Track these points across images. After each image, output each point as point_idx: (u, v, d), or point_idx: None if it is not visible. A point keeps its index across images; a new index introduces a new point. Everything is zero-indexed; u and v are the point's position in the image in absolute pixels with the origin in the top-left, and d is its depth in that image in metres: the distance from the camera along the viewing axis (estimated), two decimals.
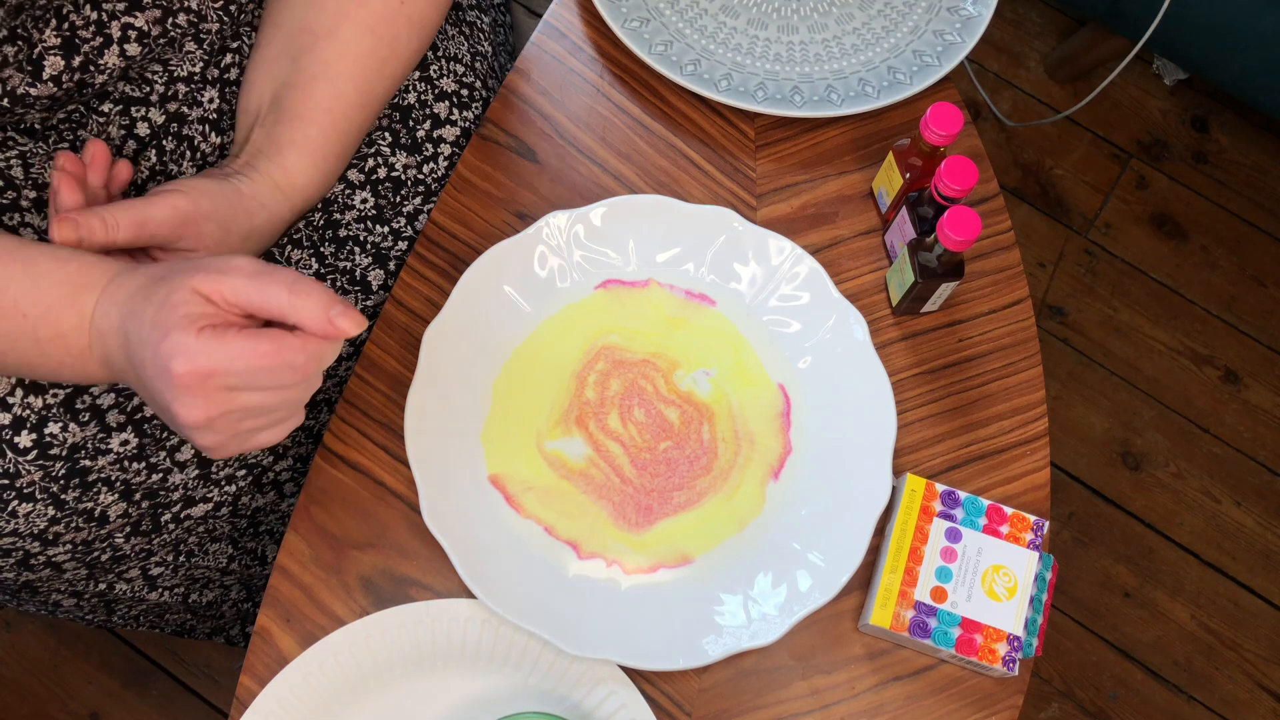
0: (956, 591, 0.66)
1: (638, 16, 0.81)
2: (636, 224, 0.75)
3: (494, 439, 0.70)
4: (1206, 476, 1.48)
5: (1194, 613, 1.42)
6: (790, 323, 0.74)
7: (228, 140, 0.70)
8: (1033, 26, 1.69)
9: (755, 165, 0.79)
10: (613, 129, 0.79)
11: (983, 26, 0.81)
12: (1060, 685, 1.38)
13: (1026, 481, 0.72)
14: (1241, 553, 1.45)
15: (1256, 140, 1.64)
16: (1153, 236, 1.59)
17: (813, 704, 0.67)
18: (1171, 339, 1.54)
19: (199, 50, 0.67)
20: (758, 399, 0.72)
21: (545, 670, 0.66)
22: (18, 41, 0.58)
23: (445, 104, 0.77)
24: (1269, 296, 1.57)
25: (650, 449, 0.71)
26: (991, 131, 1.63)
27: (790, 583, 0.67)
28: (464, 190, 0.77)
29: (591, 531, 0.69)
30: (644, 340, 0.73)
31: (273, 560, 0.77)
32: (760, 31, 0.82)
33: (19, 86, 0.59)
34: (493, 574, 0.66)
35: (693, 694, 0.67)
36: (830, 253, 0.77)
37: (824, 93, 0.79)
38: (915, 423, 0.73)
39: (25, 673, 1.23)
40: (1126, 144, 1.63)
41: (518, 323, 0.73)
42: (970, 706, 0.67)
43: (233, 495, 0.76)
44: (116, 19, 0.61)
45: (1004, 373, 0.74)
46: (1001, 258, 0.77)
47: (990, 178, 0.79)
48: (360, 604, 0.68)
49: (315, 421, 0.77)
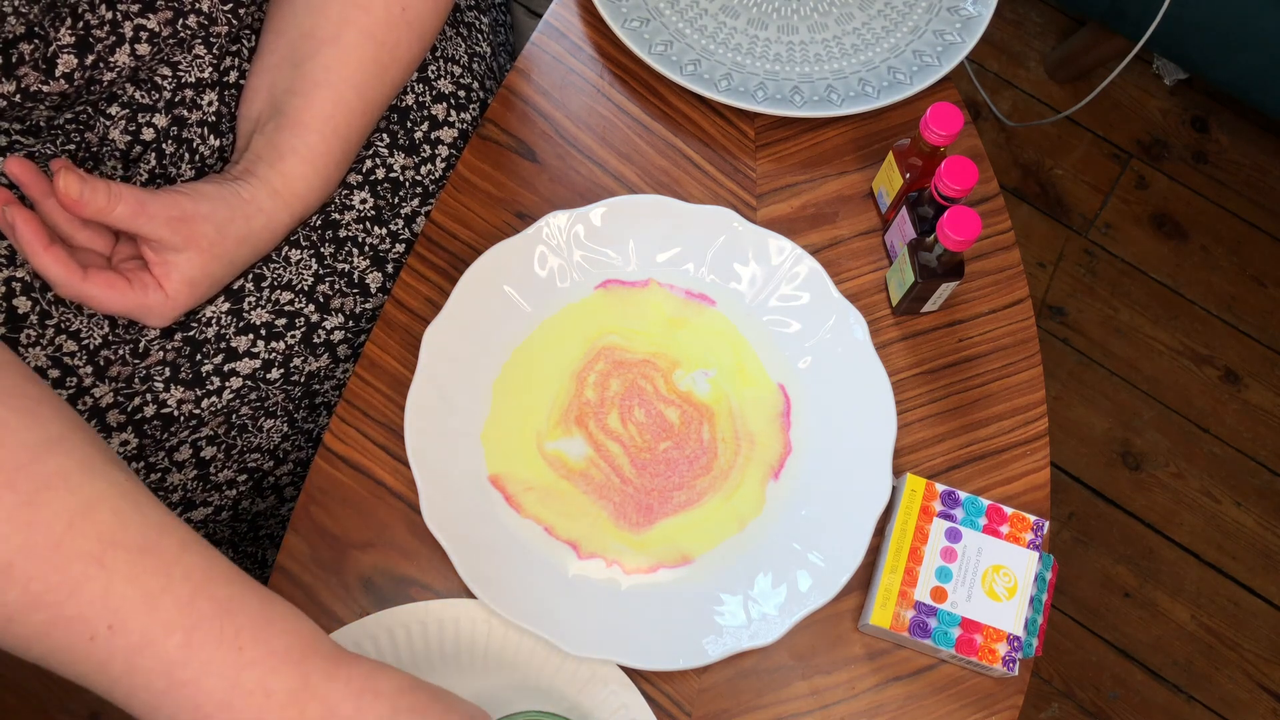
0: (956, 591, 0.66)
1: (638, 16, 0.81)
2: (636, 224, 0.75)
3: (494, 439, 0.70)
4: (1206, 476, 1.48)
5: (1194, 613, 1.42)
6: (790, 323, 0.74)
7: (227, 143, 0.70)
8: (1033, 26, 1.69)
9: (755, 165, 0.79)
10: (613, 129, 0.79)
11: (983, 26, 0.81)
12: (1060, 685, 1.38)
13: (1026, 481, 0.72)
14: (1241, 553, 1.45)
15: (1256, 140, 1.65)
16: (1153, 236, 1.59)
17: (813, 704, 0.67)
18: (1171, 339, 1.54)
19: (208, 55, 0.67)
20: (758, 399, 0.72)
21: (545, 670, 0.66)
22: (34, 40, 0.58)
23: (443, 105, 0.77)
24: (1269, 296, 1.57)
25: (650, 449, 0.71)
26: (991, 131, 1.63)
27: (790, 583, 0.67)
28: (464, 190, 0.77)
29: (591, 531, 0.69)
30: (644, 340, 0.73)
31: (273, 563, 0.77)
32: (760, 31, 0.82)
33: (32, 84, 0.59)
34: (493, 574, 0.66)
35: (693, 694, 0.67)
36: (830, 253, 0.77)
37: (824, 93, 0.79)
38: (915, 423, 0.73)
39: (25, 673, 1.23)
40: (1126, 144, 1.64)
41: (518, 323, 0.73)
42: (970, 706, 0.67)
43: (232, 499, 0.76)
44: (130, 19, 0.61)
45: (1004, 373, 0.74)
46: (1001, 258, 0.77)
47: (990, 178, 0.79)
48: (360, 604, 0.68)
49: (315, 425, 0.77)
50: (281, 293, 0.70)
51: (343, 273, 0.73)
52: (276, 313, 0.70)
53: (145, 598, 0.49)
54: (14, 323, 0.63)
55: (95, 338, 0.66)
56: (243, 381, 0.70)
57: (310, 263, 0.71)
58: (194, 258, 0.62)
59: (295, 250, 0.71)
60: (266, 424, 0.73)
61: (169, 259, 0.62)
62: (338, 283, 0.72)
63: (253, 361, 0.70)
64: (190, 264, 0.62)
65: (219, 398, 0.69)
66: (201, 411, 0.69)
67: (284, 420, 0.74)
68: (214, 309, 0.69)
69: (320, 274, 0.72)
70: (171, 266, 0.62)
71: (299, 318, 0.71)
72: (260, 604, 0.52)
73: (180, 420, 0.69)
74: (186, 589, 0.50)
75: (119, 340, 0.67)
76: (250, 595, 0.52)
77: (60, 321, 0.65)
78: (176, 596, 0.50)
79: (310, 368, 0.72)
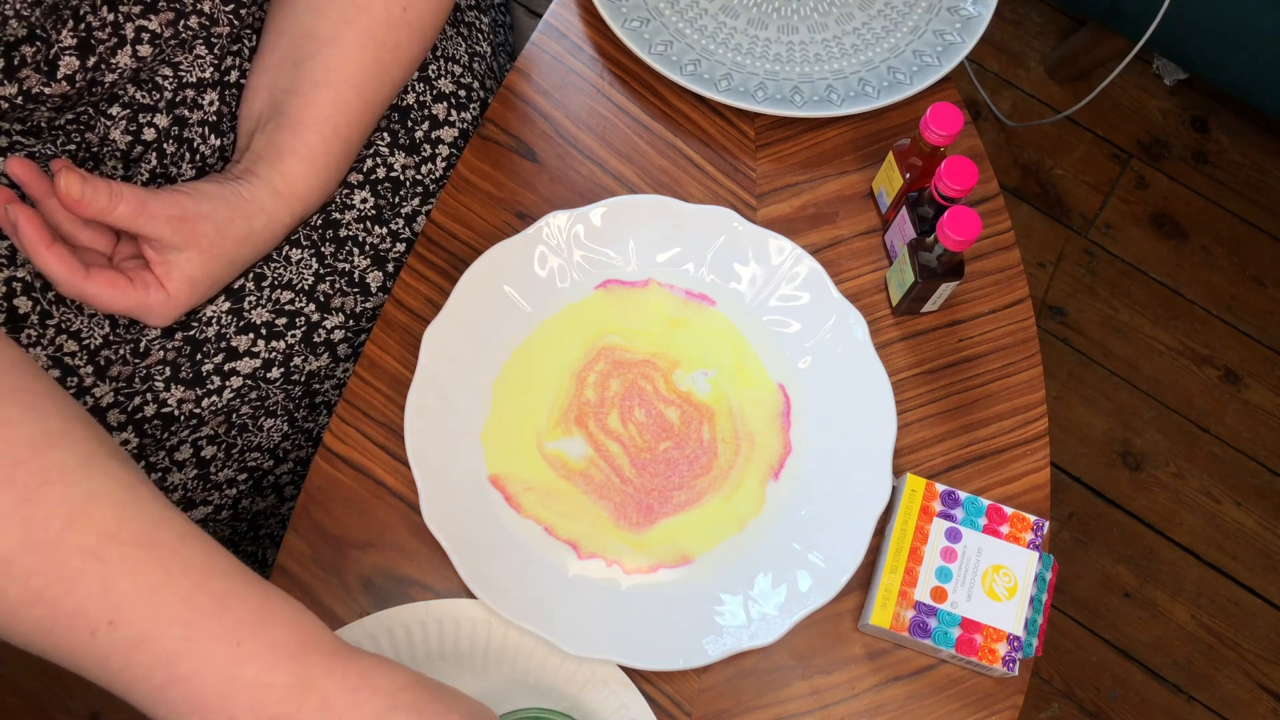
0: (956, 591, 0.66)
1: (638, 16, 0.81)
2: (636, 224, 0.75)
3: (494, 439, 0.70)
4: (1206, 476, 1.48)
5: (1194, 613, 1.42)
6: (790, 323, 0.74)
7: (227, 143, 0.70)
8: (1033, 26, 1.69)
9: (755, 165, 0.79)
10: (613, 129, 0.79)
11: (983, 26, 0.81)
12: (1060, 685, 1.38)
13: (1026, 481, 0.72)
14: (1241, 553, 1.45)
15: (1256, 140, 1.65)
16: (1153, 236, 1.59)
17: (813, 704, 0.67)
18: (1171, 339, 1.54)
19: (209, 55, 0.67)
20: (758, 399, 0.72)
21: (545, 670, 0.66)
22: (36, 42, 0.58)
23: (443, 105, 0.77)
24: (1269, 296, 1.57)
25: (650, 449, 0.71)
26: (991, 131, 1.64)
27: (790, 583, 0.67)
28: (464, 190, 0.77)
29: (591, 531, 0.69)
30: (644, 340, 0.73)
31: (273, 562, 0.77)
32: (760, 31, 0.82)
33: (34, 86, 0.59)
34: (493, 574, 0.66)
35: (693, 694, 0.67)
36: (830, 253, 0.77)
37: (824, 93, 0.79)
38: (915, 423, 0.73)
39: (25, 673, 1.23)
40: (1126, 144, 1.64)
41: (518, 323, 0.73)
42: (970, 706, 0.67)
43: (232, 499, 0.76)
44: (131, 21, 0.61)
45: (1004, 373, 0.75)
46: (1001, 258, 0.77)
47: (990, 178, 0.79)
48: (360, 604, 0.68)
49: (315, 424, 0.77)
50: (282, 292, 0.70)
51: (343, 272, 0.73)
52: (277, 312, 0.70)
53: (145, 592, 0.49)
54: (14, 322, 0.63)
55: (96, 337, 0.66)
56: (243, 381, 0.70)
57: (311, 262, 0.72)
58: (194, 257, 0.62)
59: (296, 249, 0.71)
60: (267, 423, 0.73)
61: (170, 258, 0.62)
62: (338, 282, 0.72)
63: (253, 361, 0.70)
64: (191, 263, 0.62)
65: (219, 397, 0.69)
66: (202, 411, 0.69)
67: (284, 420, 0.74)
68: (215, 308, 0.69)
69: (321, 273, 0.72)
70: (172, 266, 0.62)
71: (299, 317, 0.71)
72: (260, 598, 0.52)
73: (181, 420, 0.69)
74: (186, 583, 0.50)
75: (119, 340, 0.67)
76: (249, 589, 0.52)
77: (61, 321, 0.65)
78: (176, 591, 0.50)
79: (310, 367, 0.72)
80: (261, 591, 0.52)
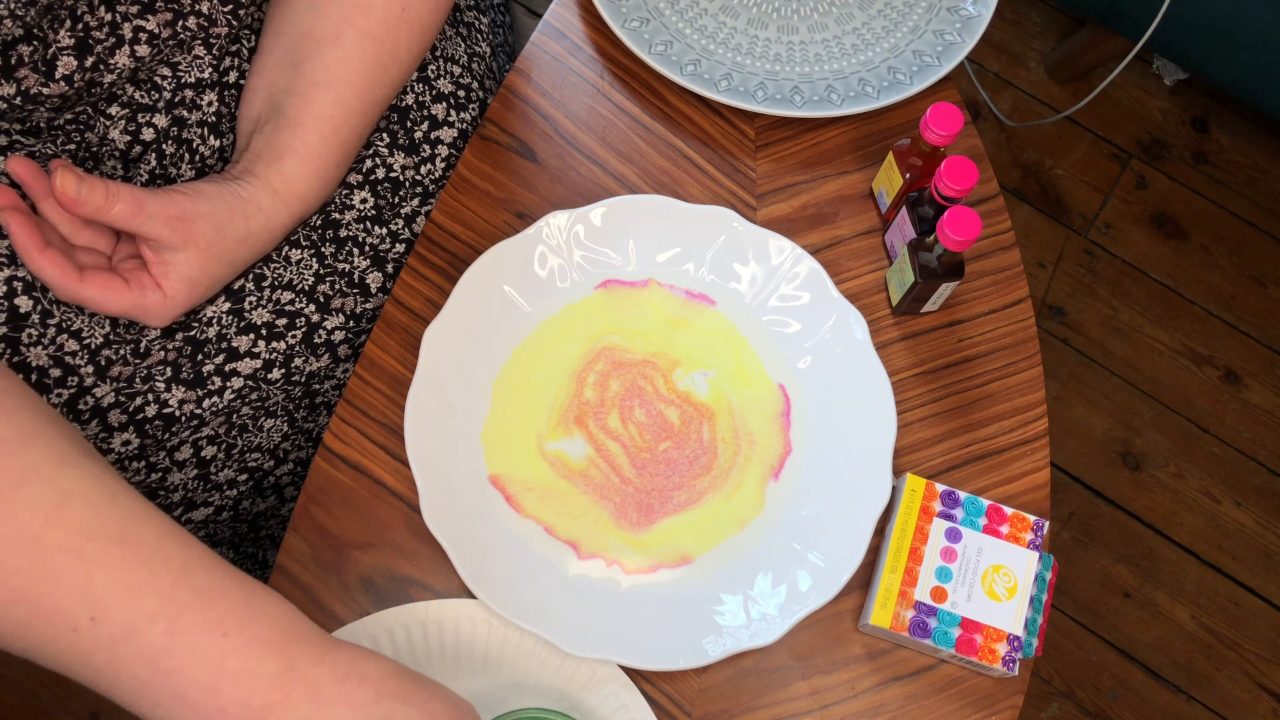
0: (956, 591, 0.66)
1: (638, 16, 0.81)
2: (636, 224, 0.75)
3: (494, 439, 0.70)
4: (1206, 476, 1.48)
5: (1194, 613, 1.42)
6: (790, 323, 0.74)
7: (226, 143, 0.70)
8: (1033, 26, 1.69)
9: (755, 165, 0.79)
10: (613, 129, 0.79)
11: (983, 26, 0.81)
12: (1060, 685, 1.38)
13: (1026, 481, 0.72)
14: (1241, 553, 1.45)
15: (1256, 140, 1.65)
16: (1153, 236, 1.59)
17: (813, 704, 0.67)
18: (1171, 339, 1.54)
19: (208, 55, 0.67)
20: (758, 399, 0.72)
21: (545, 670, 0.66)
22: (33, 41, 0.58)
23: (442, 105, 0.77)
24: (1269, 296, 1.57)
25: (650, 449, 0.71)
26: (991, 131, 1.64)
27: (790, 583, 0.67)
28: (464, 190, 0.77)
29: (592, 531, 0.69)
30: (644, 340, 0.73)
31: (273, 563, 0.77)
32: (760, 31, 0.82)
33: (33, 86, 0.59)
34: (493, 574, 0.66)
35: (693, 694, 0.67)
36: (830, 253, 0.77)
37: (824, 93, 0.79)
38: (915, 423, 0.73)
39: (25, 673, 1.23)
40: (1126, 144, 1.64)
41: (518, 323, 0.73)
42: (970, 706, 0.67)
43: (233, 499, 0.76)
44: (129, 21, 0.61)
45: (1004, 373, 0.75)
46: (1001, 258, 0.77)
47: (990, 178, 0.79)
48: (360, 604, 0.68)
49: (315, 425, 0.77)
50: (282, 292, 0.70)
51: (343, 272, 0.73)
52: (277, 313, 0.70)
53: (126, 588, 0.50)
54: (15, 322, 0.63)
55: (97, 337, 0.66)
56: (244, 381, 0.70)
57: (311, 262, 0.72)
58: (193, 257, 0.62)
59: (296, 250, 0.71)
60: (267, 424, 0.73)
61: (168, 258, 0.62)
62: (338, 282, 0.72)
63: (254, 361, 0.70)
64: (189, 263, 0.62)
65: (220, 397, 0.69)
66: (202, 411, 0.69)
67: (284, 420, 0.74)
68: (215, 309, 0.69)
69: (321, 274, 0.72)
70: (170, 266, 0.62)
71: (300, 318, 0.71)
72: (241, 590, 0.52)
73: (181, 420, 0.69)
74: (167, 578, 0.50)
75: (120, 340, 0.67)
76: (231, 582, 0.52)
77: (62, 321, 0.65)
78: (157, 586, 0.50)
79: (311, 368, 0.72)
80: (243, 585, 0.52)
